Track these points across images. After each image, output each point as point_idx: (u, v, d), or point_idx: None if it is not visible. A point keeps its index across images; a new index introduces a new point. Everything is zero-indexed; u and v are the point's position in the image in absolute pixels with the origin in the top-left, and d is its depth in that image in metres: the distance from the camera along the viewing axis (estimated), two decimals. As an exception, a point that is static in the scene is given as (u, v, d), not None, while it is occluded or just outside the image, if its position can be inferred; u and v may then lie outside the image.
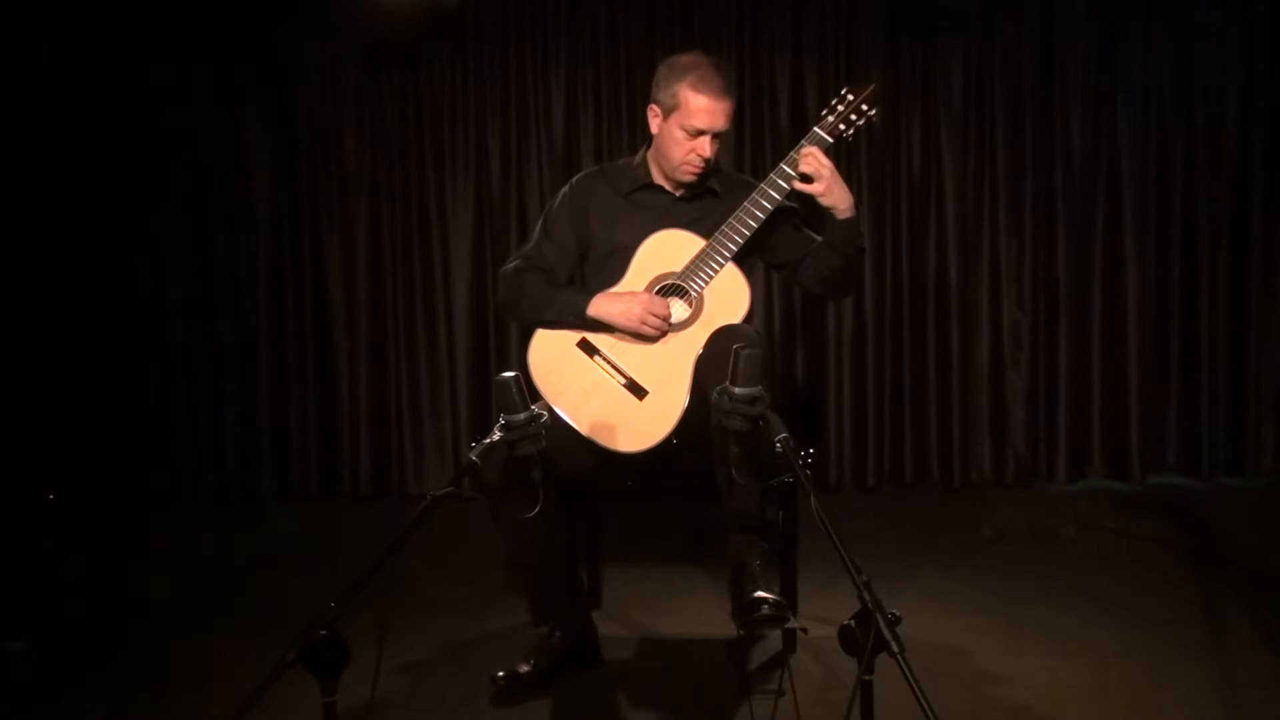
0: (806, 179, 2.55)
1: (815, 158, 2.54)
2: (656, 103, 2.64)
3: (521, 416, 2.13)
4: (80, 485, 4.37)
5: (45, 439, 4.39)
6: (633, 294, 2.56)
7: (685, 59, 2.64)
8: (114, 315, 4.47)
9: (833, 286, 2.73)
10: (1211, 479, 4.33)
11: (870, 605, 1.72)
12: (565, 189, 2.80)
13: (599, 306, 2.55)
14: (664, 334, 2.54)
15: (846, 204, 2.57)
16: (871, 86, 2.62)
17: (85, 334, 4.45)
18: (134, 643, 3.02)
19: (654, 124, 2.66)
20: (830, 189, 2.54)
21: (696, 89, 2.57)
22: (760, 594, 2.26)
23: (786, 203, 2.62)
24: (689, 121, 2.58)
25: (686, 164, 2.63)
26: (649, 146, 2.74)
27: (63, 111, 4.36)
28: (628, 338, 2.55)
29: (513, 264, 2.73)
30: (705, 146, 2.60)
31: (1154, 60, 4.27)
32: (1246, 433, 4.34)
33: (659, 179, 2.72)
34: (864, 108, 2.60)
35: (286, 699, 2.02)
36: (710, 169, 2.67)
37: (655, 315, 2.51)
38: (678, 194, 2.71)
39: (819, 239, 2.68)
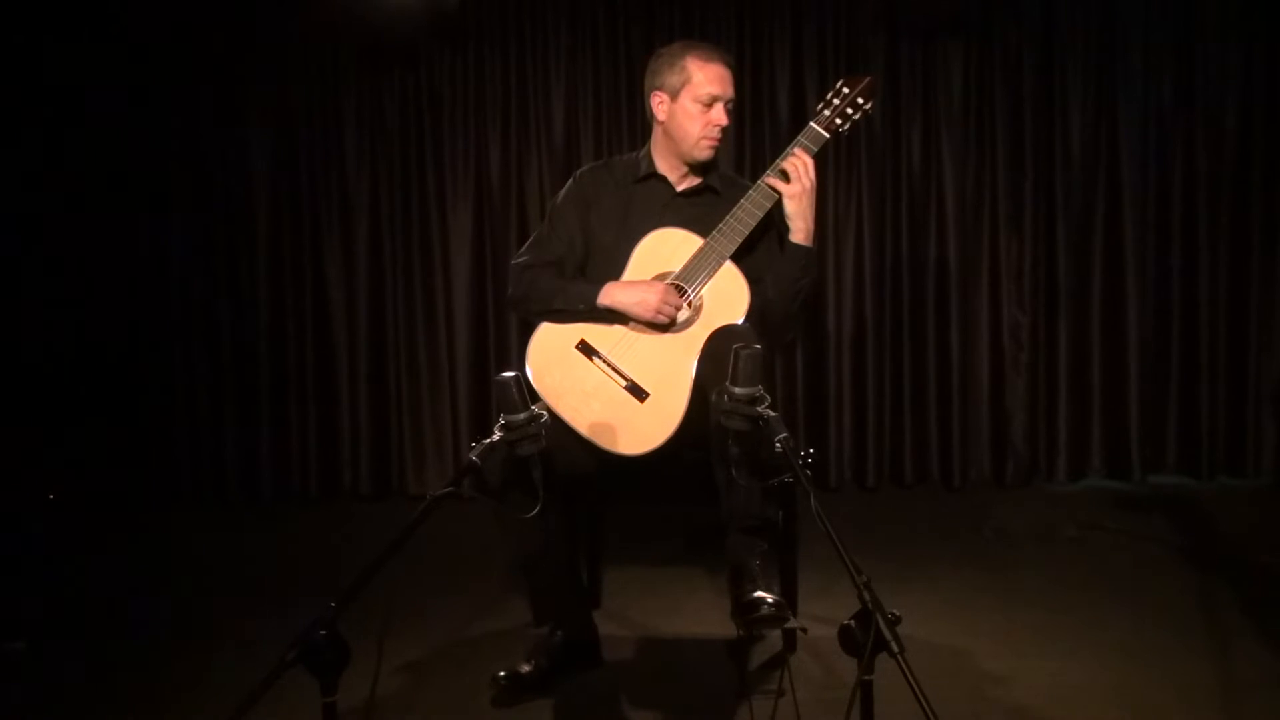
0: (785, 177, 2.56)
1: (802, 162, 2.55)
2: (660, 88, 2.64)
3: (521, 416, 2.12)
4: (81, 485, 4.37)
5: (45, 439, 4.39)
6: (646, 283, 2.54)
7: (675, 45, 2.69)
8: (114, 315, 4.47)
9: (765, 319, 2.61)
10: (1211, 479, 4.33)
11: (870, 605, 1.72)
12: (570, 181, 2.79)
13: (612, 295, 2.53)
14: (669, 327, 2.53)
15: (805, 223, 2.57)
16: (868, 79, 2.62)
17: (85, 334, 4.45)
18: (134, 643, 3.02)
19: (661, 111, 2.65)
20: (799, 196, 2.55)
21: (702, 60, 2.60)
22: (760, 594, 2.25)
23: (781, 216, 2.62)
24: (703, 90, 2.59)
25: (705, 137, 2.62)
26: (651, 141, 2.73)
27: (62, 111, 4.36)
28: (631, 335, 2.53)
29: (521, 259, 2.71)
30: (721, 114, 2.61)
31: (1154, 61, 4.27)
32: (1246, 433, 4.34)
33: (664, 169, 2.70)
34: (860, 101, 2.60)
35: (286, 699, 2.02)
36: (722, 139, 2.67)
37: (670, 305, 2.51)
38: (680, 187, 2.69)
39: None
